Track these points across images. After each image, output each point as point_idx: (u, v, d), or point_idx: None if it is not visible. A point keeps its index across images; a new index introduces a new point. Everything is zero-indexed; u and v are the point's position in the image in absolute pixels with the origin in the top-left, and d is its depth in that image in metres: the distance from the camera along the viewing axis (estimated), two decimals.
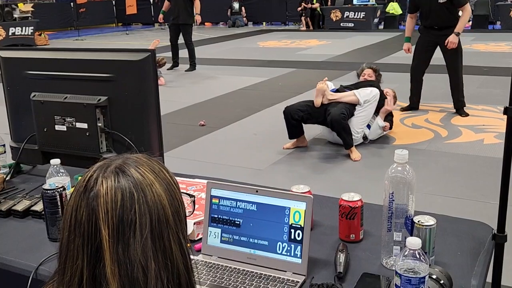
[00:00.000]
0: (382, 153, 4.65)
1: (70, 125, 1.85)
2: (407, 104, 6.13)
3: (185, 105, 6.78)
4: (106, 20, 20.77)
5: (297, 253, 1.35)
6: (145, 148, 1.72)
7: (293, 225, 1.36)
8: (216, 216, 1.44)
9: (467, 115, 5.81)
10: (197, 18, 9.35)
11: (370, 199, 1.65)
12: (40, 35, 14.84)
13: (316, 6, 16.89)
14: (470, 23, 15.61)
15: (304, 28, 17.18)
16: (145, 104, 1.79)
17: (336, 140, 4.77)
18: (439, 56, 5.98)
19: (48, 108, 1.86)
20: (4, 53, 1.98)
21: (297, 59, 10.62)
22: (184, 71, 9.32)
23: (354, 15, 16.55)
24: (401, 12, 16.10)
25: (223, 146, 5.11)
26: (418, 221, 1.33)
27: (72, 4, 18.38)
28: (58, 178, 1.63)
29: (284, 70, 9.22)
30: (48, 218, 1.55)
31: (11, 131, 2.06)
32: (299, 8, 17.13)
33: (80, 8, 17.93)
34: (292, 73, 9.03)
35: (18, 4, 14.92)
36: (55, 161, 1.67)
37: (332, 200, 1.68)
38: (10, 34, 13.72)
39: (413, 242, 1.08)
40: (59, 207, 1.53)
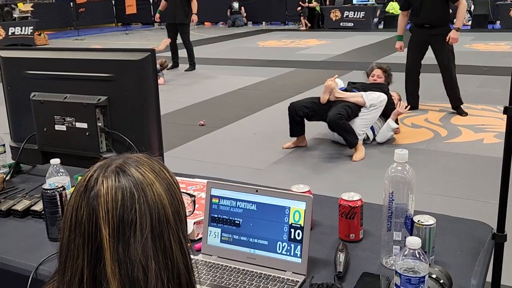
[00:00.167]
0: (381, 152, 4.65)
1: (70, 125, 1.85)
2: (407, 104, 6.12)
3: (185, 104, 6.78)
4: (106, 19, 20.76)
5: (297, 252, 1.35)
6: (145, 147, 1.72)
7: (293, 224, 1.36)
8: (216, 215, 1.44)
9: (466, 114, 5.78)
10: (194, 18, 9.35)
11: (370, 199, 1.65)
12: (40, 35, 14.83)
13: (314, 5, 16.87)
14: (469, 22, 15.63)
15: (304, 28, 17.17)
16: (145, 104, 1.79)
17: (339, 139, 4.76)
18: None
19: (48, 108, 1.86)
20: (4, 53, 1.98)
21: (297, 59, 10.62)
22: (183, 71, 9.32)
23: (354, 14, 16.55)
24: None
25: (223, 146, 5.11)
26: (418, 221, 1.33)
27: (71, 4, 18.38)
28: (58, 178, 1.63)
29: (284, 70, 9.22)
30: (48, 218, 1.55)
31: (11, 131, 2.06)
32: (299, 8, 17.12)
33: (79, 8, 17.93)
34: (292, 73, 9.03)
35: (18, 4, 14.91)
36: (55, 161, 1.67)
37: (332, 200, 1.68)
38: (9, 34, 13.72)
39: (413, 241, 1.08)
40: (59, 207, 1.53)
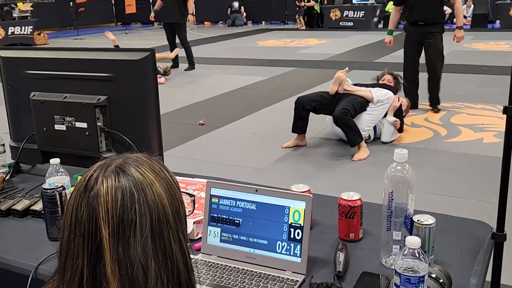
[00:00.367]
0: (381, 152, 4.65)
1: (69, 124, 1.85)
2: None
3: (184, 104, 6.78)
4: (106, 19, 20.75)
5: (297, 252, 1.35)
6: (144, 147, 1.72)
7: (292, 224, 1.36)
8: (215, 215, 1.44)
9: (439, 110, 5.92)
10: (190, 18, 9.33)
11: (370, 198, 1.65)
12: (40, 34, 14.83)
13: (311, 4, 16.86)
14: (469, 22, 15.62)
15: (303, 27, 17.17)
16: (145, 104, 1.79)
17: (343, 136, 4.77)
18: None
19: (48, 108, 1.86)
20: (4, 53, 1.97)
21: (297, 58, 10.62)
22: (183, 70, 9.32)
23: (354, 14, 16.56)
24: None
25: (223, 145, 5.11)
26: (418, 220, 1.33)
27: (71, 3, 18.37)
28: (57, 177, 1.63)
29: (284, 69, 9.22)
30: (47, 218, 1.55)
31: (10, 130, 2.06)
32: (298, 8, 17.14)
33: (79, 8, 17.92)
34: (292, 72, 9.03)
35: (17, 4, 14.91)
36: (55, 161, 1.67)
37: (331, 199, 1.68)
38: (9, 33, 13.72)
39: (413, 241, 1.08)
40: (59, 206, 1.53)
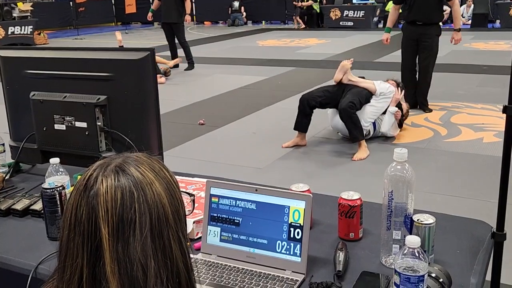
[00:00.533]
0: (381, 151, 4.65)
1: (69, 124, 1.85)
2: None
3: (184, 104, 6.78)
4: (106, 19, 20.75)
5: (297, 251, 1.35)
6: (144, 147, 1.72)
7: (292, 223, 1.36)
8: (215, 215, 1.44)
9: (430, 111, 5.94)
10: (187, 18, 9.35)
11: (370, 198, 1.65)
12: (40, 34, 14.82)
13: (309, 3, 16.84)
14: (469, 21, 15.62)
15: (303, 26, 17.17)
16: (145, 103, 1.79)
17: (344, 130, 4.80)
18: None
19: (48, 107, 1.86)
20: (4, 53, 1.97)
21: (297, 58, 10.62)
22: (183, 70, 9.32)
23: (354, 13, 16.55)
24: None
25: (223, 145, 5.11)
26: (418, 220, 1.33)
27: (71, 3, 18.36)
28: (57, 177, 1.63)
29: (284, 69, 9.22)
30: (47, 217, 1.55)
31: (10, 130, 2.06)
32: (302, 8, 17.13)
33: (79, 7, 17.90)
34: (292, 72, 9.03)
35: (17, 3, 14.91)
36: (55, 160, 1.67)
37: (331, 199, 1.68)
38: (9, 33, 13.72)
39: (412, 240, 1.08)
40: (59, 206, 1.53)
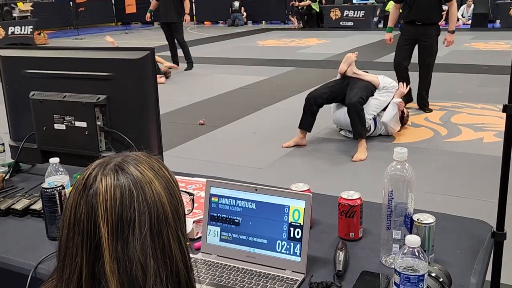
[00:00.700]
0: (381, 151, 4.65)
1: (69, 124, 1.84)
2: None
3: (184, 104, 6.78)
4: (106, 19, 20.75)
5: (297, 251, 1.35)
6: (144, 146, 1.72)
7: (292, 223, 1.36)
8: (215, 214, 1.44)
9: (431, 111, 5.93)
10: (186, 17, 9.35)
11: (370, 197, 1.65)
12: (40, 34, 14.82)
13: (307, 3, 16.85)
14: (469, 21, 15.62)
15: (296, 25, 17.20)
16: (145, 103, 1.78)
17: (346, 126, 4.85)
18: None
19: (47, 107, 1.86)
20: (3, 52, 1.97)
21: (297, 58, 10.61)
22: (183, 70, 9.32)
23: (354, 13, 16.54)
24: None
25: (223, 145, 5.11)
26: (418, 219, 1.33)
27: (71, 3, 18.35)
28: (57, 177, 1.63)
29: (284, 69, 9.21)
30: (47, 217, 1.55)
31: (10, 130, 2.06)
32: (299, 8, 17.14)
33: (79, 7, 17.91)
34: (292, 72, 9.03)
35: (18, 3, 14.91)
36: (54, 160, 1.66)
37: (331, 198, 1.68)
38: (9, 33, 13.72)
39: (412, 240, 1.08)
40: (58, 205, 1.53)
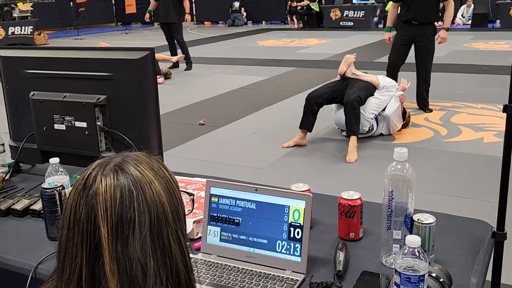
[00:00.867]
0: (381, 151, 4.65)
1: (69, 124, 1.84)
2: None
3: (184, 104, 6.77)
4: (106, 19, 20.76)
5: (297, 251, 1.35)
6: (144, 147, 1.71)
7: (292, 223, 1.36)
8: (215, 214, 1.44)
9: (431, 111, 5.92)
10: (187, 17, 9.35)
11: (370, 197, 1.65)
12: (40, 34, 14.82)
13: (305, 3, 16.84)
14: (469, 21, 15.63)
15: (296, 26, 17.21)
16: (145, 103, 1.78)
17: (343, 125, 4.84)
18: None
19: (47, 107, 1.86)
20: (3, 52, 1.97)
21: (297, 58, 10.62)
22: (183, 70, 9.32)
23: (354, 14, 16.55)
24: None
25: (223, 145, 5.11)
26: (418, 219, 1.33)
27: (71, 3, 18.36)
28: (57, 177, 1.63)
29: (284, 69, 9.21)
30: (47, 217, 1.55)
31: (10, 130, 2.06)
32: (299, 8, 17.14)
33: (79, 8, 17.91)
34: (292, 72, 9.03)
35: (18, 4, 14.91)
36: (54, 160, 1.66)
37: (331, 199, 1.68)
38: (9, 33, 13.73)
39: (413, 240, 1.08)
40: (58, 206, 1.53)
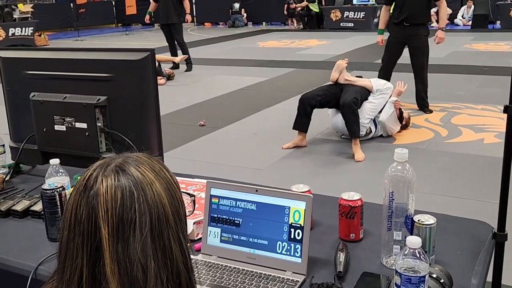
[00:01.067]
0: (382, 152, 4.65)
1: (69, 125, 1.84)
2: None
3: (185, 105, 6.78)
4: (106, 20, 20.77)
5: (297, 252, 1.35)
6: (144, 147, 1.72)
7: (293, 224, 1.35)
8: (215, 215, 1.44)
9: (431, 111, 5.91)
10: (188, 17, 9.36)
11: (370, 198, 1.65)
12: (40, 35, 14.83)
13: (303, 4, 16.85)
14: (470, 22, 15.63)
15: (299, 27, 17.21)
16: (145, 104, 1.78)
17: (343, 129, 4.81)
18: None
19: (48, 108, 1.86)
20: (4, 53, 1.97)
21: (297, 59, 10.62)
22: (184, 71, 9.32)
23: (354, 15, 16.55)
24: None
25: (223, 146, 5.11)
26: (418, 220, 1.33)
27: (71, 4, 18.39)
28: (57, 178, 1.63)
29: (284, 70, 9.22)
30: (47, 218, 1.55)
31: (10, 131, 2.06)
32: (299, 9, 17.15)
33: (79, 9, 17.92)
34: (292, 73, 9.03)
35: (18, 5, 14.90)
36: (55, 161, 1.66)
37: (332, 199, 1.68)
38: (10, 34, 13.72)
39: (413, 241, 1.08)
40: (59, 207, 1.53)
